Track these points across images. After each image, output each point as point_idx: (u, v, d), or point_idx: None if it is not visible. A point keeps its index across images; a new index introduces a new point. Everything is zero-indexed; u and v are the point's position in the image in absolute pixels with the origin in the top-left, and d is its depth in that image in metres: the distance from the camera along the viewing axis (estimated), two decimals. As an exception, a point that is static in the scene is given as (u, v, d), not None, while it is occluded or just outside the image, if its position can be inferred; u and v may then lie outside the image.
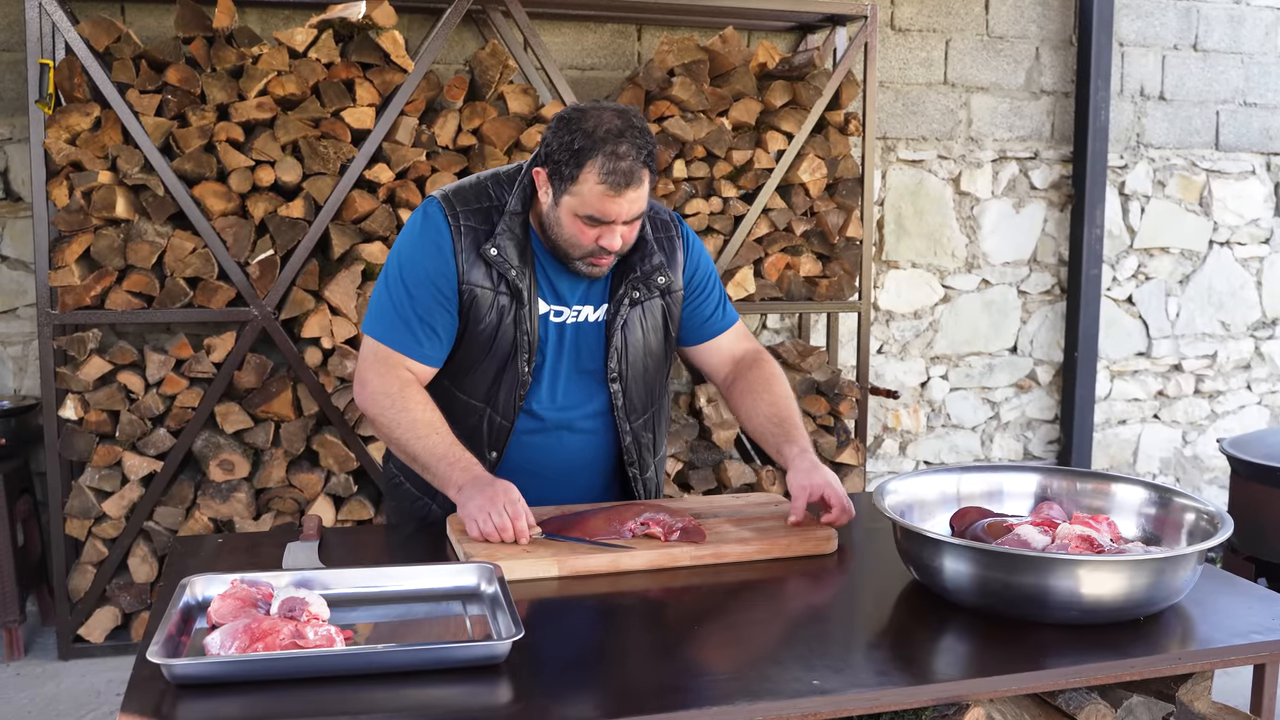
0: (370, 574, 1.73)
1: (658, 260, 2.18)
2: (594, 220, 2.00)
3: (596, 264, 2.08)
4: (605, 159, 1.95)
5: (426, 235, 2.10)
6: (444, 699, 1.42)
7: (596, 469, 2.26)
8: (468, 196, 2.13)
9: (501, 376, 2.13)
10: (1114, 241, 5.15)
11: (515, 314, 2.10)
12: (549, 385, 2.17)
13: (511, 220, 2.09)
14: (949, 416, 5.04)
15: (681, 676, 1.51)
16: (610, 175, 1.95)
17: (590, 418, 2.21)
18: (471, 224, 2.09)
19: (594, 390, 2.20)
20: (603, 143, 1.96)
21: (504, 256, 2.08)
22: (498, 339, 2.11)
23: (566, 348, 2.17)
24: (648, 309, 2.20)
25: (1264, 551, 3.75)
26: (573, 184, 1.99)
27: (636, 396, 2.23)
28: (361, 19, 3.63)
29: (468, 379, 2.16)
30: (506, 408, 2.14)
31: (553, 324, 2.15)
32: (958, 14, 4.81)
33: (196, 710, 1.38)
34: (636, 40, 4.44)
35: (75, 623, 3.75)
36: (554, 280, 2.15)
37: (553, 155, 2.01)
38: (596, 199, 1.97)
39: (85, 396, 3.65)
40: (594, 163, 1.96)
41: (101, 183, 3.58)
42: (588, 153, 1.96)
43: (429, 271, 2.09)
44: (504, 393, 2.14)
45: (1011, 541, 1.75)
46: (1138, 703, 1.63)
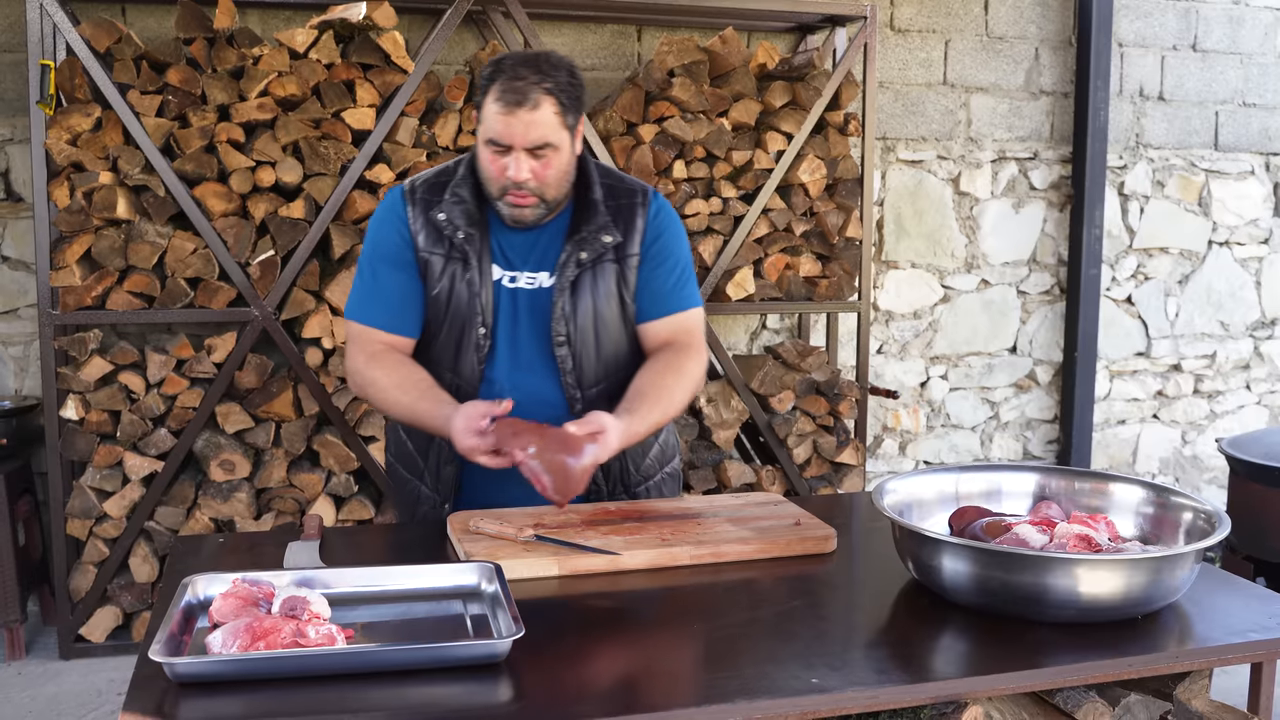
0: (371, 573, 1.74)
1: (603, 220, 2.18)
2: (495, 145, 2.05)
3: (515, 203, 2.10)
4: (504, 80, 2.04)
5: (385, 214, 2.21)
6: (445, 697, 1.42)
7: None
8: (428, 176, 2.24)
9: (462, 342, 2.17)
10: (1113, 242, 5.16)
11: (467, 279, 2.15)
12: (508, 352, 2.19)
13: (459, 186, 2.17)
14: (948, 416, 5.05)
15: (681, 675, 1.51)
16: (505, 93, 2.02)
17: (545, 386, 2.20)
18: (426, 196, 2.19)
19: (545, 358, 2.19)
20: (506, 70, 2.05)
21: (450, 220, 2.15)
22: (452, 304, 2.16)
23: (522, 314, 2.18)
24: (599, 274, 2.18)
25: (1262, 551, 3.75)
26: (481, 110, 2.07)
27: (588, 365, 2.20)
28: (362, 20, 3.63)
29: (433, 347, 2.21)
30: (469, 374, 2.18)
31: (506, 289, 2.18)
32: (957, 14, 4.81)
33: (198, 709, 1.38)
34: (636, 41, 4.44)
35: (76, 622, 3.75)
36: (507, 246, 2.19)
37: (477, 93, 2.11)
38: (493, 119, 2.04)
39: (86, 397, 3.66)
40: (495, 85, 2.04)
41: (102, 183, 3.59)
42: (492, 77, 2.06)
43: (387, 245, 2.18)
44: (465, 359, 2.18)
45: (1010, 541, 1.76)
46: (1135, 701, 1.64)
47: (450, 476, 2.24)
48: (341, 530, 2.46)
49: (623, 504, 2.20)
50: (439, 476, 2.25)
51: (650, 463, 2.35)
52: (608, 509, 2.15)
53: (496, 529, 1.98)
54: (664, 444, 2.40)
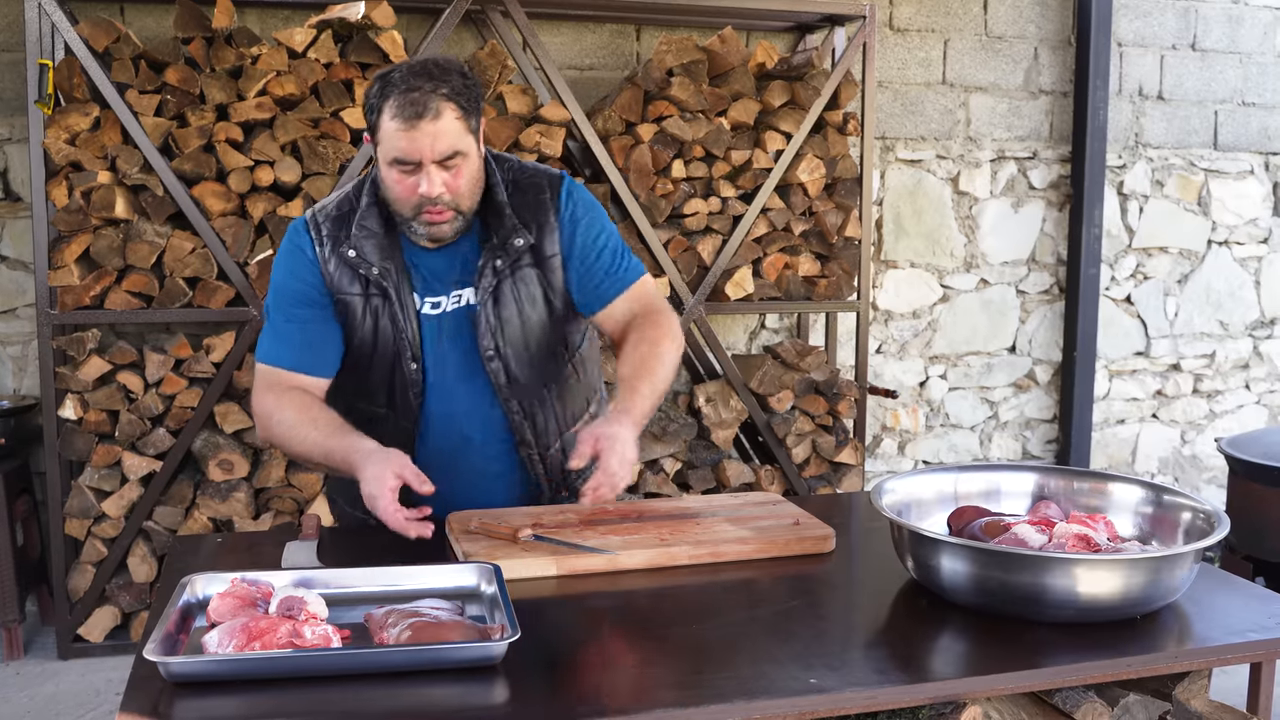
0: (369, 573, 1.74)
1: (510, 223, 2.08)
2: (402, 164, 1.94)
3: (432, 220, 1.99)
4: (398, 96, 1.91)
5: (293, 252, 2.09)
6: (441, 699, 1.42)
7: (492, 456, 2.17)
8: (329, 208, 2.11)
9: (394, 380, 2.10)
10: (1112, 241, 5.15)
11: (390, 313, 2.06)
12: (441, 380, 2.11)
13: (365, 217, 2.06)
14: (948, 416, 5.05)
15: (679, 675, 1.51)
16: (401, 109, 1.90)
17: (480, 405, 2.14)
18: (333, 232, 2.06)
19: (474, 374, 2.12)
20: (397, 84, 1.93)
21: (361, 255, 2.04)
22: (378, 343, 2.08)
23: (449, 337, 2.10)
24: (520, 280, 2.09)
25: (1261, 551, 3.75)
26: (377, 133, 1.95)
27: (521, 374, 2.13)
28: (360, 19, 3.63)
29: (365, 388, 2.13)
30: (405, 410, 2.11)
31: (430, 317, 2.09)
32: (956, 14, 4.81)
33: (194, 709, 1.38)
34: (635, 40, 4.44)
35: (75, 622, 3.75)
36: (426, 272, 2.09)
37: (367, 115, 1.98)
38: (394, 137, 1.92)
39: (85, 396, 3.66)
40: (388, 102, 1.92)
41: (101, 183, 3.59)
42: (384, 94, 1.93)
43: (298, 285, 2.07)
44: (399, 396, 2.10)
45: (1009, 540, 1.75)
46: (1134, 701, 1.64)
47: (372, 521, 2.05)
48: (339, 530, 2.45)
49: (621, 504, 2.20)
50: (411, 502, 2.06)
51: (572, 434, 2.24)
52: (606, 509, 2.15)
53: (495, 529, 1.97)
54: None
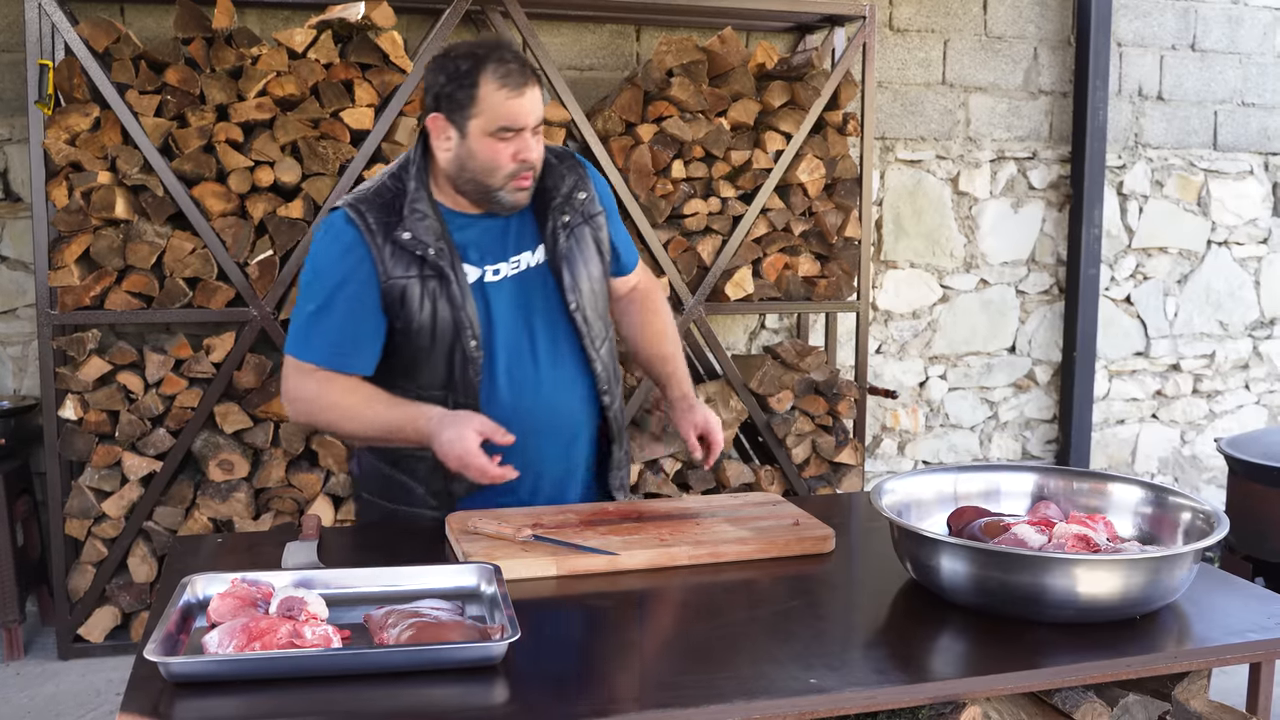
0: (370, 574, 1.74)
1: (572, 180, 2.20)
2: (505, 130, 2.02)
3: (520, 186, 2.08)
4: (495, 65, 2.00)
5: (338, 243, 2.08)
6: (441, 699, 1.42)
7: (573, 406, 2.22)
8: (368, 196, 2.12)
9: (453, 360, 2.10)
10: (1112, 241, 5.16)
11: (448, 294, 2.08)
12: (505, 347, 2.14)
13: (416, 200, 2.09)
14: (947, 416, 5.05)
15: (679, 675, 1.51)
16: (506, 77, 2.00)
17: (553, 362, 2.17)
18: (381, 219, 2.08)
19: (552, 332, 2.17)
20: (486, 56, 2.01)
21: (416, 237, 2.07)
22: (437, 324, 2.09)
23: (511, 303, 2.14)
24: (578, 237, 2.19)
25: (1261, 551, 3.75)
26: (473, 105, 2.01)
27: (595, 325, 2.22)
28: (360, 20, 3.63)
29: (421, 373, 2.13)
30: (466, 389, 2.11)
31: (490, 284, 2.13)
32: (956, 14, 4.81)
33: (195, 709, 1.38)
34: (635, 41, 4.44)
35: (75, 622, 3.75)
36: (479, 241, 2.14)
37: (443, 92, 2.04)
38: (501, 104, 2.00)
39: (85, 397, 3.66)
40: (486, 73, 2.00)
41: (101, 183, 3.59)
42: (477, 68, 2.00)
43: (344, 279, 2.07)
44: (458, 375, 2.11)
45: (1008, 541, 1.76)
46: (1134, 701, 1.64)
47: (460, 493, 2.16)
48: (340, 530, 2.45)
49: (621, 504, 2.20)
50: (449, 495, 2.17)
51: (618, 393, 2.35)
52: (606, 509, 2.15)
53: (495, 529, 1.98)
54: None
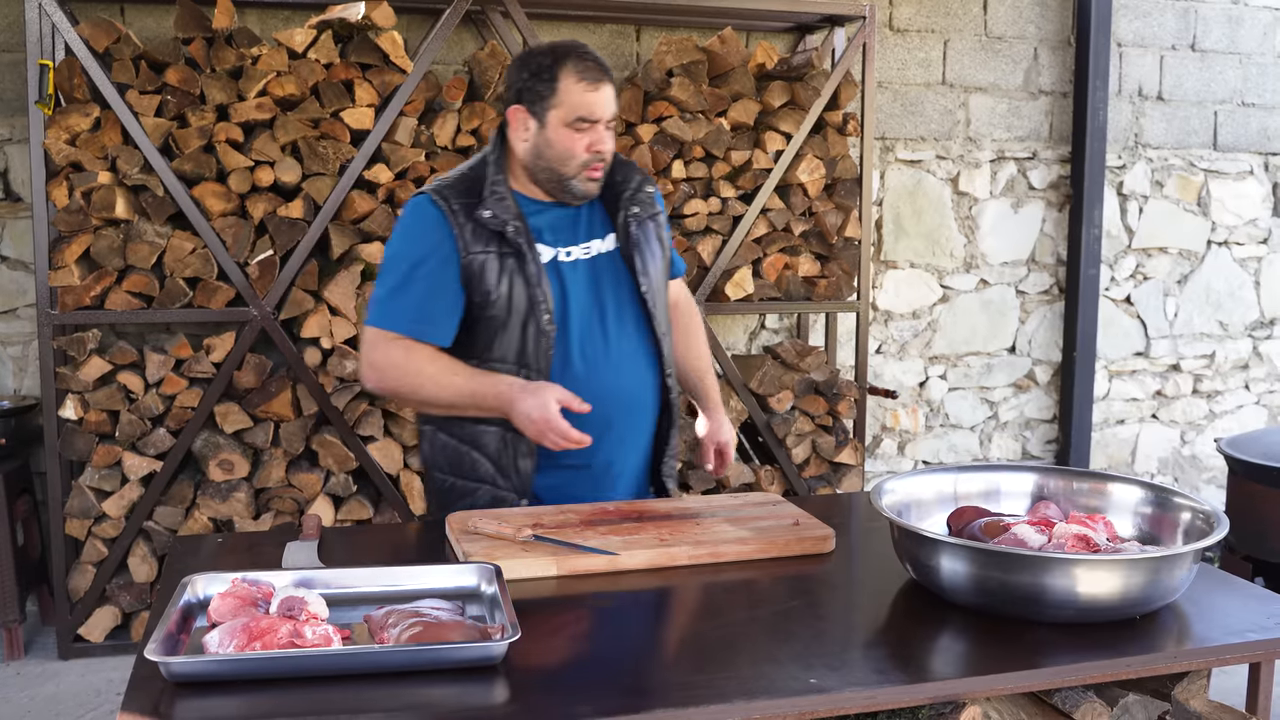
0: (370, 574, 1.74)
1: (639, 179, 2.35)
2: (582, 121, 2.17)
3: (592, 176, 2.23)
4: (575, 61, 2.17)
5: (421, 222, 2.22)
6: (441, 699, 1.42)
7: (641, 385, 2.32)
8: (450, 182, 2.26)
9: (526, 334, 2.20)
10: (1112, 241, 5.16)
11: (523, 270, 2.19)
12: (578, 325, 2.24)
13: (495, 183, 2.23)
14: (947, 416, 5.05)
15: (679, 675, 1.51)
16: (586, 72, 2.17)
17: (624, 343, 2.28)
18: (462, 200, 2.21)
19: (623, 315, 2.28)
20: (567, 52, 2.19)
21: (497, 215, 2.19)
22: (514, 299, 2.19)
23: (585, 284, 2.26)
24: (646, 230, 2.32)
25: (1261, 551, 3.75)
26: (553, 96, 2.17)
27: (661, 311, 2.34)
28: (361, 20, 3.63)
29: (495, 346, 2.22)
30: (538, 362, 2.20)
31: (565, 264, 2.25)
32: (956, 14, 4.81)
33: (195, 709, 1.38)
34: (635, 41, 4.44)
35: (75, 622, 3.75)
36: (553, 225, 2.27)
37: (524, 86, 2.20)
38: (580, 96, 2.16)
39: (85, 396, 3.66)
40: (566, 68, 2.17)
41: (101, 183, 3.59)
42: (558, 64, 2.17)
43: (426, 255, 2.19)
44: (532, 349, 2.20)
45: (1008, 541, 1.76)
46: (1134, 701, 1.64)
47: (529, 469, 2.24)
48: (340, 530, 2.45)
49: (621, 504, 2.20)
50: (517, 470, 2.25)
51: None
52: (606, 509, 2.16)
53: (495, 529, 1.98)
54: None
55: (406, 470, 3.93)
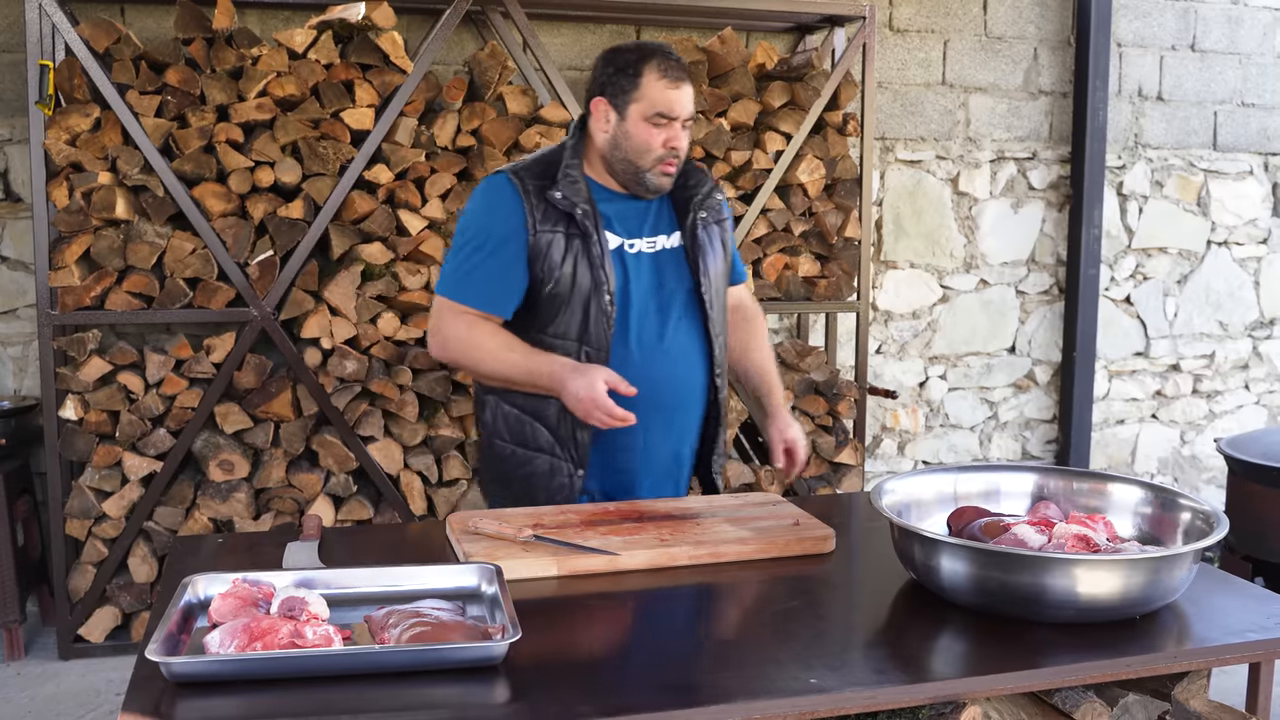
0: (371, 574, 1.74)
1: (710, 185, 2.45)
2: (661, 117, 2.26)
3: (666, 171, 2.31)
4: (659, 59, 2.27)
5: (495, 199, 2.32)
6: (442, 699, 1.42)
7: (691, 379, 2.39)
8: (526, 164, 2.37)
9: (588, 313, 2.28)
10: (1112, 242, 5.16)
11: (588, 252, 2.28)
12: (636, 312, 2.31)
13: (569, 168, 2.32)
14: (947, 416, 5.05)
15: (679, 675, 1.51)
16: (668, 71, 2.26)
17: (680, 337, 2.35)
18: (537, 181, 2.31)
19: (681, 311, 2.36)
20: (652, 51, 2.29)
21: (568, 197, 2.28)
22: (576, 279, 2.27)
23: (647, 275, 2.34)
24: (711, 233, 2.41)
25: (1261, 551, 3.75)
26: (635, 91, 2.27)
27: (717, 312, 2.41)
28: (361, 20, 3.64)
29: (557, 322, 2.30)
30: (598, 341, 2.28)
31: (629, 254, 2.33)
32: (956, 14, 4.82)
33: (196, 709, 1.38)
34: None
35: (75, 622, 3.75)
36: (621, 216, 2.35)
37: (608, 80, 2.30)
38: (660, 93, 2.26)
39: (85, 397, 3.66)
40: (650, 65, 2.27)
41: (101, 183, 3.59)
42: (642, 60, 2.27)
43: (497, 229, 2.29)
44: (593, 328, 2.28)
45: (1008, 541, 1.76)
46: (1134, 701, 1.64)
47: (586, 441, 2.31)
48: (340, 530, 2.46)
49: (621, 504, 2.20)
50: (575, 442, 2.31)
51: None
52: (606, 509, 2.16)
53: (495, 529, 1.98)
54: None
55: (406, 470, 3.93)
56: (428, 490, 3.96)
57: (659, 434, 2.35)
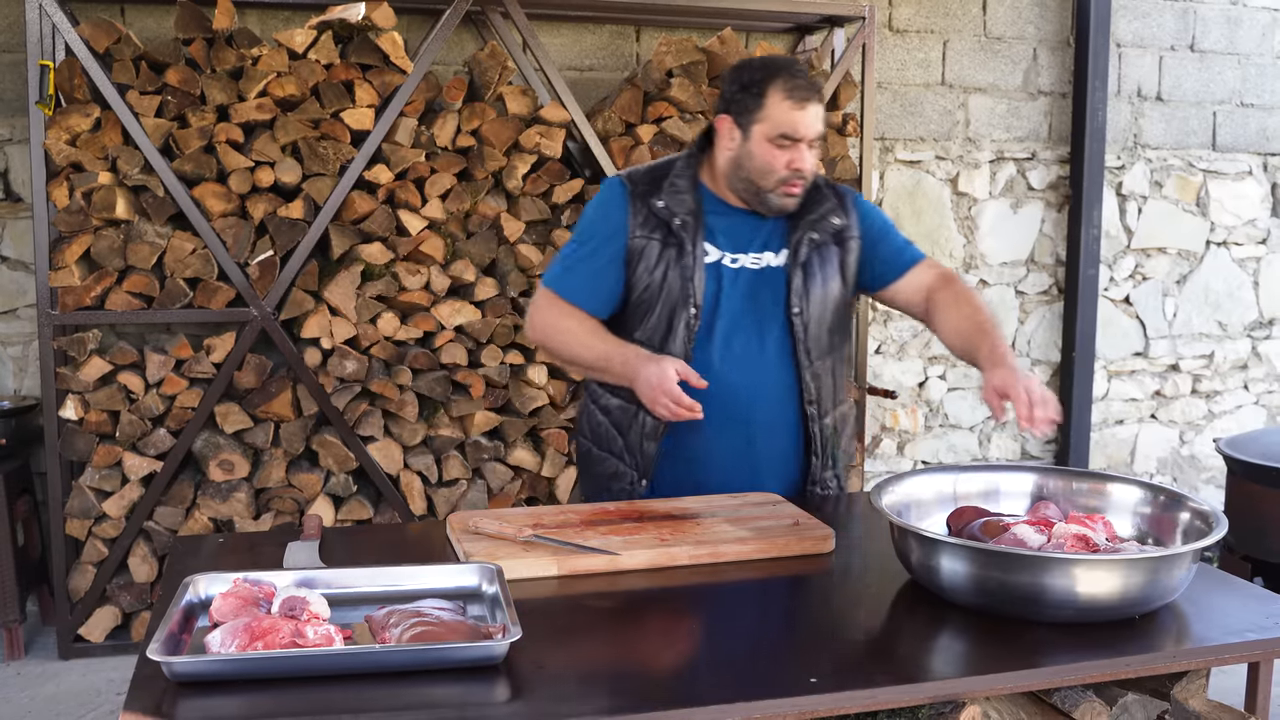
0: (371, 573, 1.74)
1: (830, 205, 2.38)
2: (785, 139, 2.23)
3: (790, 191, 2.28)
4: (785, 79, 2.23)
5: (604, 198, 2.37)
6: (442, 698, 1.42)
7: (776, 406, 2.34)
8: (641, 170, 2.39)
9: (672, 322, 2.29)
10: (1111, 242, 5.16)
11: (680, 262, 2.28)
12: (722, 328, 2.30)
13: (678, 179, 2.33)
14: (947, 416, 5.05)
15: (679, 675, 1.52)
16: (793, 91, 2.22)
17: (768, 358, 2.32)
18: (645, 187, 2.34)
19: (772, 331, 2.32)
20: (780, 69, 2.25)
21: (670, 208, 2.30)
22: (665, 286, 2.29)
23: (743, 291, 2.31)
24: (824, 255, 2.35)
25: (1260, 551, 3.76)
26: (759, 111, 2.23)
27: (814, 338, 2.34)
28: (361, 20, 3.64)
29: (643, 328, 2.32)
30: (679, 352, 2.28)
31: (727, 268, 2.31)
32: (955, 15, 4.82)
33: (197, 709, 1.39)
34: (635, 41, 4.45)
35: (75, 622, 3.75)
36: (730, 230, 2.33)
37: (734, 97, 2.27)
38: (784, 114, 2.22)
39: (85, 397, 3.66)
40: (776, 84, 2.23)
41: (101, 183, 3.59)
42: (768, 79, 2.23)
43: (601, 229, 2.34)
44: (675, 338, 2.29)
45: (1008, 541, 1.76)
46: (1133, 701, 1.64)
47: (651, 453, 2.34)
48: (340, 530, 2.46)
49: (621, 504, 2.21)
50: (641, 452, 2.35)
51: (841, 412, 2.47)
52: (606, 509, 2.16)
53: (496, 529, 1.98)
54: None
55: (406, 470, 3.93)
56: (428, 490, 3.97)
57: (731, 455, 2.32)
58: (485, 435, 4.04)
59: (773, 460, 2.36)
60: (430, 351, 3.90)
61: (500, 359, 3.94)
